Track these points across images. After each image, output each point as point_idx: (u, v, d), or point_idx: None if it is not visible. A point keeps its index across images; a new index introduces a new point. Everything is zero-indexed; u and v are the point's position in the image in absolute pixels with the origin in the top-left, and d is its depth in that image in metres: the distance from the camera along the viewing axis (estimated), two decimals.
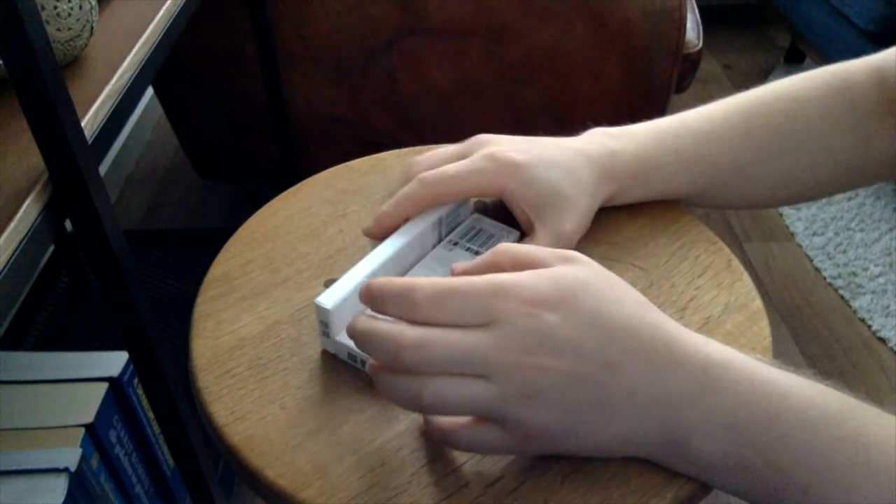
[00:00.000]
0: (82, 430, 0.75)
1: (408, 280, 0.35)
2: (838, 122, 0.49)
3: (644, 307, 0.36)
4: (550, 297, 0.34)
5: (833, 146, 0.50)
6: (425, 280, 0.35)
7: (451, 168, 0.46)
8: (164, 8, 0.73)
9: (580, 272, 0.36)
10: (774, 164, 0.50)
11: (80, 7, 0.61)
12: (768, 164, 0.50)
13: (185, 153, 1.49)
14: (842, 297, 1.46)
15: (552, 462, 0.37)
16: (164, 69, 1.27)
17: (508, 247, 0.38)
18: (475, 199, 0.51)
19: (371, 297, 0.36)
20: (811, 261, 1.55)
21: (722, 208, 0.58)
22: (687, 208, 0.52)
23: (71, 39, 0.62)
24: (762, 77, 2.13)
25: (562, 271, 0.35)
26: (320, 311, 0.40)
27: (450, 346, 0.33)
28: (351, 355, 0.41)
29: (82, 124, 0.52)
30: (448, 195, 0.46)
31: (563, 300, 0.34)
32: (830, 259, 1.54)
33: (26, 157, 0.52)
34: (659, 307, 0.44)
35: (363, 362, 0.40)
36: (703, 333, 0.43)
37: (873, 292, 1.46)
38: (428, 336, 0.33)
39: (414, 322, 0.34)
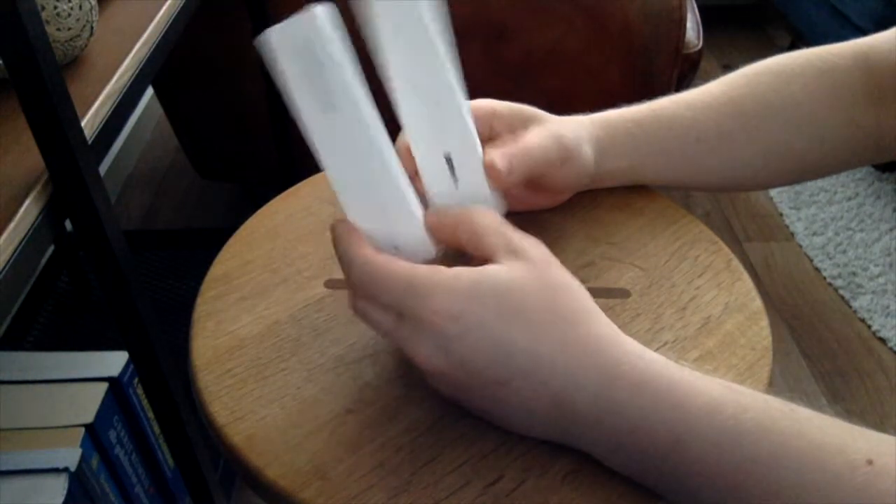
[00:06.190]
0: (82, 430, 0.75)
1: (350, 251, 0.37)
2: (822, 101, 0.49)
3: (562, 325, 0.35)
4: (456, 308, 0.34)
5: (817, 123, 0.49)
6: (358, 256, 0.36)
7: None
8: (164, 8, 0.73)
9: (507, 276, 0.35)
10: (759, 135, 0.49)
11: (80, 7, 0.61)
12: (752, 134, 0.49)
13: (185, 153, 1.49)
14: (842, 297, 1.46)
15: (552, 462, 0.37)
16: (164, 69, 1.27)
17: (472, 216, 0.38)
18: None
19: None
20: (811, 261, 1.55)
21: (706, 189, 0.57)
22: (684, 203, 0.52)
23: (71, 39, 0.62)
24: None
25: (487, 274, 0.35)
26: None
27: (370, 321, 0.37)
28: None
29: (82, 124, 0.52)
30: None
31: (465, 313, 0.34)
32: (830, 259, 1.54)
33: (26, 157, 0.52)
34: (659, 307, 0.45)
35: None
36: (703, 333, 0.43)
37: (873, 292, 1.46)
38: (358, 305, 0.37)
39: None
